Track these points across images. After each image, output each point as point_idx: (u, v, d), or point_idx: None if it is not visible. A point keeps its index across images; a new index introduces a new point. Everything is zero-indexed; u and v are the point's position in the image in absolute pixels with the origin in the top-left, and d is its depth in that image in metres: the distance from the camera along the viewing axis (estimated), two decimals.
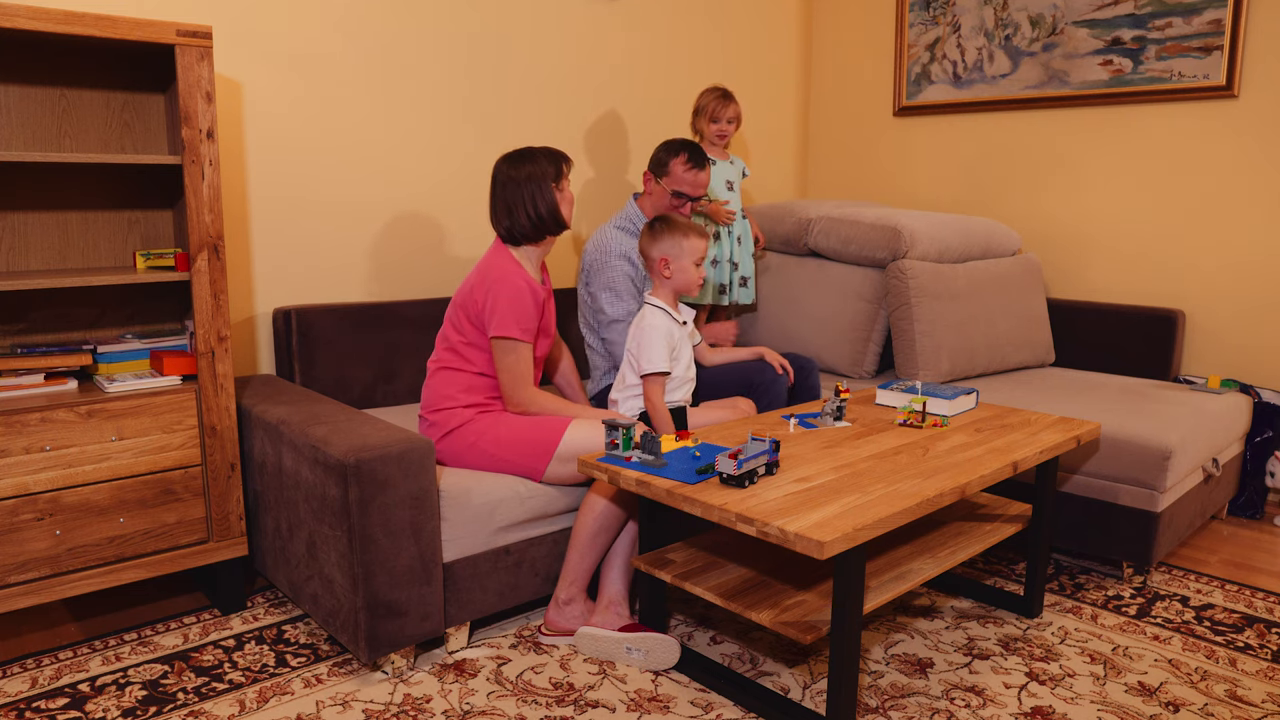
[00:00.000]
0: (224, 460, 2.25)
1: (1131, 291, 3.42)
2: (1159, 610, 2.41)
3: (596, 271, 2.69)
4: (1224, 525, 3.05)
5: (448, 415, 2.31)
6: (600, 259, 2.69)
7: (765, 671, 2.09)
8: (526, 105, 3.25)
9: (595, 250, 2.71)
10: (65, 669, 2.10)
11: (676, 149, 2.69)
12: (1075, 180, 3.52)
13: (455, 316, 2.35)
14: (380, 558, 1.95)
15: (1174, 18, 3.19)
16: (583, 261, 2.76)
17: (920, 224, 3.15)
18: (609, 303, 2.67)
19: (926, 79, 3.87)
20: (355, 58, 2.82)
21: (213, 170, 2.14)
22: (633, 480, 1.89)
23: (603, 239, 2.72)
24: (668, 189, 2.70)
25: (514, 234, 2.35)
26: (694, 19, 3.74)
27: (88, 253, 2.35)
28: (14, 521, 1.99)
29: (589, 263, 2.72)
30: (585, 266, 2.74)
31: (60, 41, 2.08)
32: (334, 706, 1.95)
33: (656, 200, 2.74)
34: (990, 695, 2.00)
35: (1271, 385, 3.15)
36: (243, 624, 2.32)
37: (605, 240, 2.71)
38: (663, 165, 2.70)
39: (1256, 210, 3.12)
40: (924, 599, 2.46)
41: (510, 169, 2.34)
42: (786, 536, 1.60)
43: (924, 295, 3.04)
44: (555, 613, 2.23)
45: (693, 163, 2.67)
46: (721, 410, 2.54)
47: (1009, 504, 2.43)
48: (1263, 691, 2.02)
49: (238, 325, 2.70)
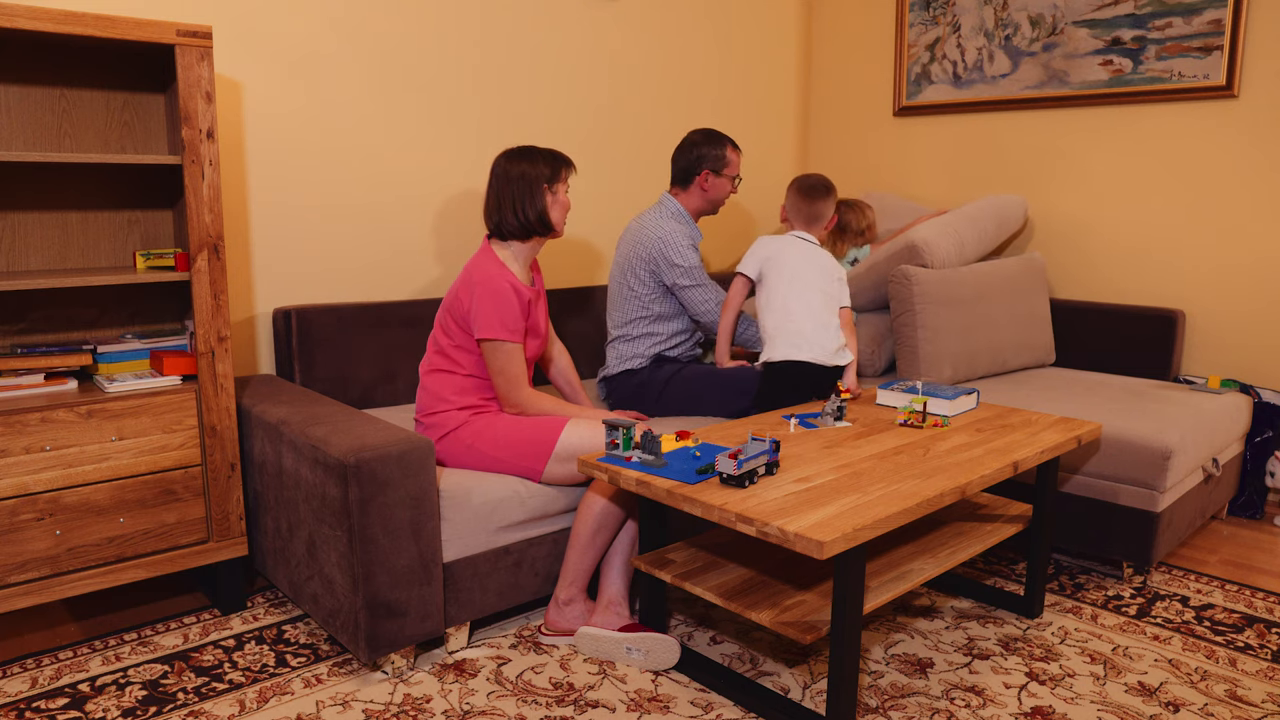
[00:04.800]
0: (224, 460, 2.25)
1: (1131, 291, 3.41)
2: (1159, 610, 2.41)
3: (671, 262, 2.76)
4: (1224, 525, 3.05)
5: (442, 418, 2.31)
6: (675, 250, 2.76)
7: (765, 671, 2.09)
8: (527, 105, 3.25)
9: (660, 242, 2.76)
10: (65, 669, 2.10)
11: (720, 138, 2.85)
12: (1075, 180, 3.52)
13: (444, 319, 2.35)
14: (380, 558, 1.95)
15: (1174, 18, 3.19)
16: (635, 253, 2.79)
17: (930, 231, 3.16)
18: (696, 283, 2.78)
19: (926, 79, 3.87)
20: (356, 58, 2.82)
21: (213, 170, 2.14)
22: (633, 480, 1.89)
23: (665, 230, 2.78)
24: (729, 177, 2.87)
25: (501, 230, 2.35)
26: (694, 20, 3.74)
27: (88, 253, 2.35)
28: (14, 521, 1.99)
29: (655, 254, 2.77)
30: (647, 257, 2.78)
31: (60, 41, 2.08)
32: (334, 706, 1.95)
33: (714, 193, 2.88)
34: (990, 695, 2.00)
35: (1271, 385, 3.15)
36: (243, 624, 2.32)
37: (670, 232, 2.77)
38: (721, 159, 2.84)
39: (1256, 210, 3.12)
40: (924, 599, 2.46)
41: (507, 165, 2.34)
42: (786, 536, 1.60)
43: (929, 302, 3.03)
44: (555, 613, 2.23)
45: (735, 145, 2.89)
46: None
47: (1009, 504, 2.43)
48: (1263, 691, 2.02)
49: (238, 325, 2.70)
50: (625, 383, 2.81)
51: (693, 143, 2.85)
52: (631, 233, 2.84)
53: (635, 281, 2.80)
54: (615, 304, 2.87)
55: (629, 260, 2.82)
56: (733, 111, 3.96)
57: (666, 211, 2.86)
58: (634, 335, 2.83)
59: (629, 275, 2.81)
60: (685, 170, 2.86)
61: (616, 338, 2.86)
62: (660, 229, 2.79)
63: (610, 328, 2.90)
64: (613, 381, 2.85)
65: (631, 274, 2.81)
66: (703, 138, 2.85)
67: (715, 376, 2.74)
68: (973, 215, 3.32)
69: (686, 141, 2.87)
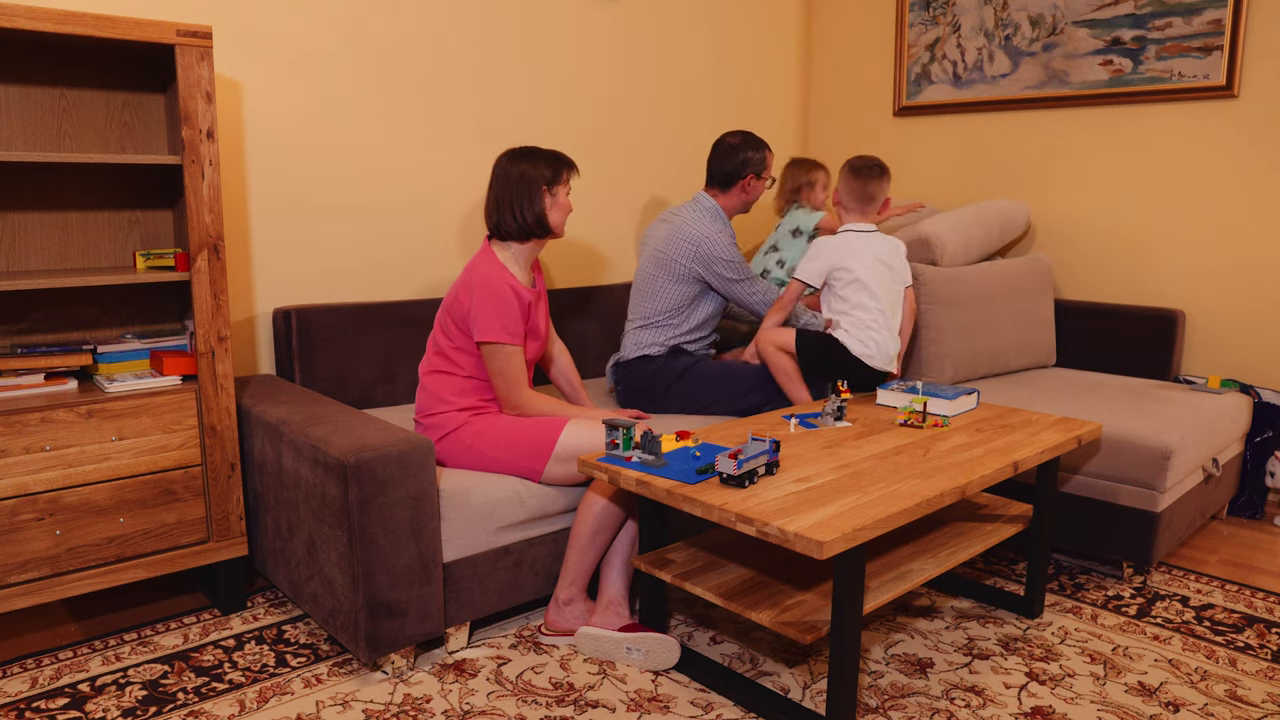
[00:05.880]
0: (224, 460, 2.25)
1: (1131, 291, 3.41)
2: (1159, 610, 2.41)
3: (718, 259, 2.80)
4: (1224, 525, 3.05)
5: (442, 419, 2.31)
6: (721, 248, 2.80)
7: (765, 671, 2.09)
8: (527, 105, 3.25)
9: (707, 242, 2.79)
10: (65, 669, 2.10)
11: (759, 142, 2.92)
12: (1075, 180, 3.52)
13: (443, 320, 2.35)
14: (380, 558, 1.95)
15: (1174, 18, 3.19)
16: (674, 250, 2.81)
17: (943, 226, 3.16)
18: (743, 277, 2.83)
19: (926, 79, 3.87)
20: (356, 58, 2.82)
21: (213, 170, 2.14)
22: (633, 480, 1.89)
23: (708, 230, 2.81)
24: (766, 178, 2.94)
25: (501, 230, 2.35)
26: (695, 20, 3.74)
27: (88, 253, 2.35)
28: (14, 521, 1.99)
29: (702, 253, 2.79)
30: (690, 256, 2.80)
31: (60, 41, 2.08)
32: (334, 706, 1.95)
33: (753, 194, 2.95)
34: (990, 695, 2.00)
35: (1271, 385, 3.15)
36: (243, 624, 2.32)
37: (714, 232, 2.81)
38: (762, 162, 2.91)
39: (1256, 210, 3.12)
40: (924, 599, 2.46)
41: (507, 165, 2.34)
42: (786, 536, 1.60)
43: (935, 302, 3.04)
44: (555, 613, 2.23)
45: (769, 146, 2.96)
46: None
47: (1009, 504, 2.43)
48: (1263, 691, 2.02)
49: (238, 325, 2.70)
50: (640, 369, 2.82)
51: (734, 147, 2.88)
52: (669, 227, 2.86)
53: (673, 275, 2.82)
54: (644, 294, 2.88)
55: (666, 255, 2.83)
56: (733, 112, 3.96)
57: (704, 210, 2.88)
58: (658, 325, 2.85)
59: (664, 269, 2.83)
60: (729, 175, 2.89)
61: (641, 326, 2.88)
62: (702, 228, 2.81)
63: (632, 315, 2.91)
64: (626, 367, 2.86)
65: (668, 268, 2.82)
66: (743, 142, 2.88)
67: (729, 373, 2.77)
68: (979, 216, 3.32)
69: (727, 145, 2.89)
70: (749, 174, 2.88)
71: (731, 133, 2.92)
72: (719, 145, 2.91)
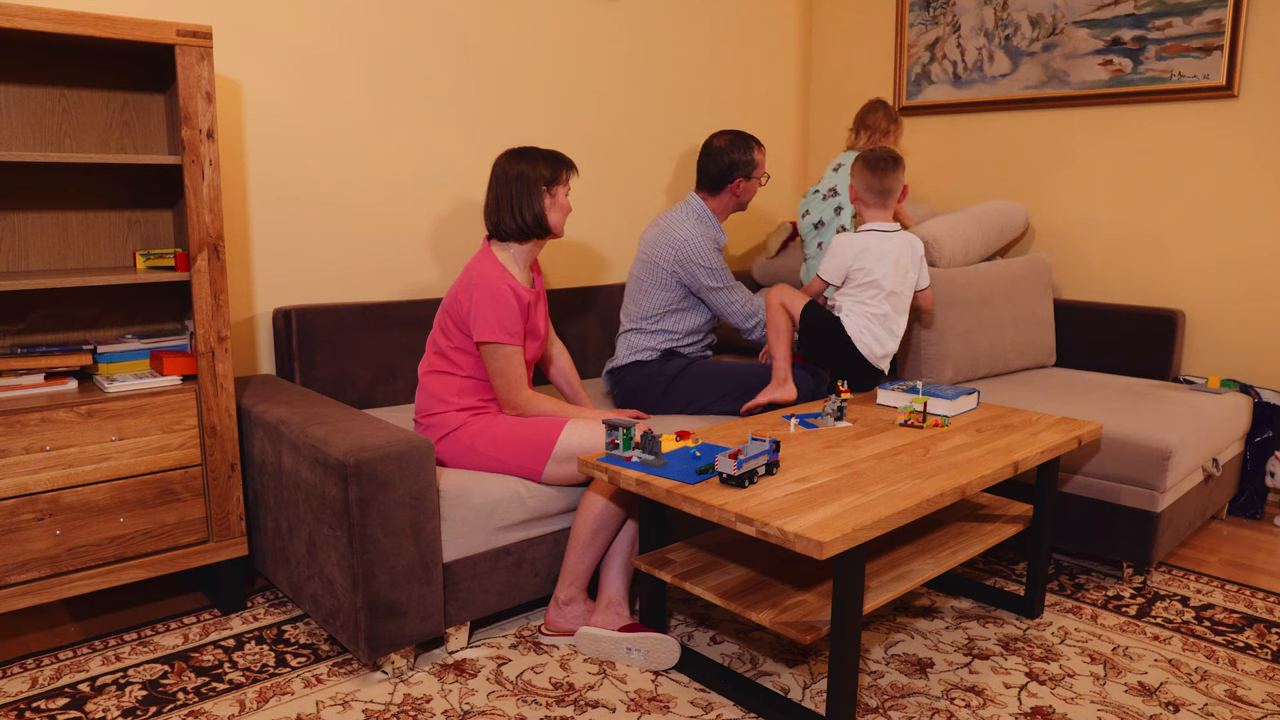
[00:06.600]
0: (224, 460, 2.25)
1: (1131, 291, 3.41)
2: (1159, 610, 2.41)
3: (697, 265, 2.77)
4: (1224, 525, 3.05)
5: (442, 419, 2.31)
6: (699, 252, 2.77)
7: (765, 671, 2.09)
8: (527, 105, 3.25)
9: (684, 244, 2.77)
10: (65, 669, 2.10)
11: (748, 142, 2.85)
12: (1075, 180, 3.52)
13: (443, 321, 2.35)
14: (380, 558, 1.95)
15: (1174, 18, 3.19)
16: (658, 252, 2.80)
17: (942, 228, 3.16)
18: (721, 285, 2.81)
19: (926, 79, 3.87)
20: (356, 58, 2.82)
21: (213, 170, 2.14)
22: (633, 480, 1.89)
23: (688, 232, 2.78)
24: (759, 177, 2.90)
25: (500, 231, 2.35)
26: (695, 20, 3.74)
27: (88, 253, 2.35)
28: (14, 521, 2.00)
29: (680, 256, 2.77)
30: (670, 259, 2.78)
31: (60, 41, 2.08)
32: (334, 706, 1.95)
33: (745, 196, 2.91)
34: (990, 695, 2.00)
35: (1271, 385, 3.15)
36: (243, 624, 2.32)
37: (693, 234, 2.78)
38: (751, 164, 2.86)
39: (1256, 210, 3.12)
40: (924, 599, 2.45)
41: (506, 165, 2.34)
42: (786, 536, 1.60)
43: (935, 303, 3.03)
44: (555, 613, 2.23)
45: (760, 144, 2.90)
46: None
47: (1009, 504, 2.43)
48: (1263, 691, 2.02)
49: (238, 325, 2.70)
50: (633, 374, 2.82)
51: (721, 150, 2.83)
52: (656, 230, 2.85)
53: (656, 280, 2.81)
54: (633, 298, 2.88)
55: (651, 257, 2.82)
56: (733, 111, 3.96)
57: (691, 212, 2.86)
58: (649, 329, 2.84)
59: (650, 272, 2.82)
60: (716, 179, 2.85)
61: (630, 330, 2.87)
62: (683, 230, 2.78)
63: (624, 320, 2.91)
64: (620, 373, 2.85)
65: (652, 272, 2.81)
66: (730, 144, 2.83)
67: (724, 373, 2.76)
68: (978, 218, 3.31)
69: (714, 148, 2.84)
70: (737, 177, 2.84)
71: (719, 134, 2.88)
72: (706, 147, 2.88)
